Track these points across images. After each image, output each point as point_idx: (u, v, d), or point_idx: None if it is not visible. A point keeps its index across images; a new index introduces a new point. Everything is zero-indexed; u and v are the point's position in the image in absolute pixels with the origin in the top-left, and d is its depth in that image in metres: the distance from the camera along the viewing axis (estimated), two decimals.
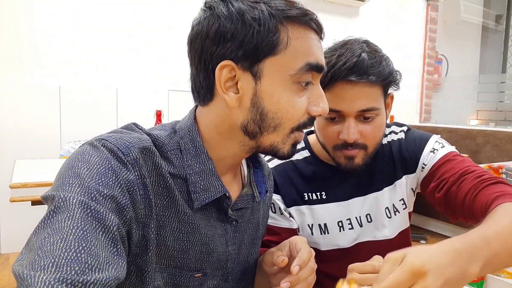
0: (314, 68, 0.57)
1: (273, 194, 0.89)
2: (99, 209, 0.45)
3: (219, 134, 0.59)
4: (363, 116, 0.81)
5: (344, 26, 3.70)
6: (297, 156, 0.94)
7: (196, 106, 0.63)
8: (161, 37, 2.90)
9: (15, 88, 2.48)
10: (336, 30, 3.52)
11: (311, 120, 0.59)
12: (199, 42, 0.56)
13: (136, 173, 0.51)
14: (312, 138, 0.97)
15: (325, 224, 0.91)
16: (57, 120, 2.59)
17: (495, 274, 0.86)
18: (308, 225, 0.91)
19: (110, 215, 0.46)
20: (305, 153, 0.95)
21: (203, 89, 0.58)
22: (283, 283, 0.59)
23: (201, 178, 0.58)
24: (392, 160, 0.94)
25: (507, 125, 3.66)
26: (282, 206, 0.90)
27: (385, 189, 0.94)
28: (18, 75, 2.49)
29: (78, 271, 0.39)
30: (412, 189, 0.96)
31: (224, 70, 0.55)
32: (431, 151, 0.92)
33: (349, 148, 0.82)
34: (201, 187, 0.58)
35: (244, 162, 0.72)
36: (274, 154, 0.60)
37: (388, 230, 0.94)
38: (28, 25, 2.49)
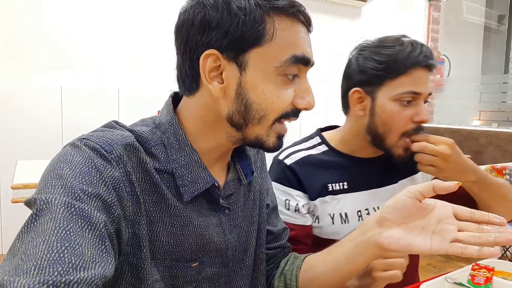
0: (300, 60, 0.56)
1: (294, 191, 0.91)
2: (84, 207, 0.44)
3: (204, 124, 0.59)
4: (426, 99, 0.88)
5: (347, 26, 3.70)
6: (315, 151, 0.96)
7: (173, 99, 0.63)
8: (163, 37, 2.89)
9: (16, 88, 2.48)
10: (339, 30, 3.52)
11: (294, 112, 0.59)
12: (184, 31, 0.56)
13: (121, 170, 0.51)
14: (327, 134, 1.00)
15: (345, 213, 0.93)
16: (59, 120, 2.59)
17: (500, 276, 0.85)
18: (329, 214, 0.93)
19: (96, 213, 0.45)
20: (323, 148, 0.98)
21: (188, 78, 0.58)
22: None
23: (188, 171, 0.58)
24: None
25: (510, 126, 3.64)
26: (301, 203, 0.91)
27: (401, 181, 0.99)
28: (19, 75, 2.49)
29: (61, 272, 0.38)
30: None
31: (208, 59, 0.54)
32: None
33: (418, 132, 0.88)
34: (189, 179, 0.58)
35: None
36: (260, 146, 0.59)
37: None
38: (30, 25, 2.49)
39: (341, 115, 1.00)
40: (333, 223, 0.93)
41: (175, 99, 0.64)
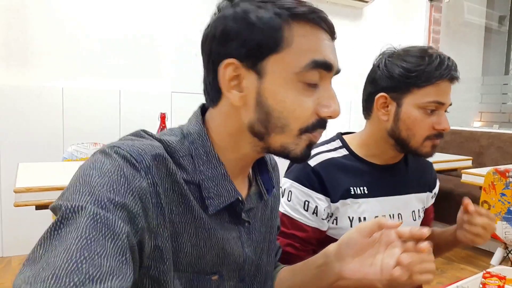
0: (321, 65, 0.55)
1: (315, 193, 0.93)
2: (108, 216, 0.44)
3: (229, 135, 0.59)
4: (447, 109, 0.95)
5: (348, 27, 3.69)
6: (336, 154, 0.98)
7: (202, 109, 0.63)
8: (164, 39, 2.88)
9: (17, 90, 2.46)
10: (341, 31, 3.50)
11: (320, 122, 0.57)
12: (208, 44, 0.57)
13: (149, 180, 0.51)
14: (348, 137, 1.03)
15: (364, 218, 0.95)
16: (60, 123, 2.58)
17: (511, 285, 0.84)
18: (349, 217, 0.95)
19: (120, 223, 0.45)
20: (343, 151, 1.00)
21: (212, 90, 0.59)
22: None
23: (214, 184, 0.58)
24: (427, 171, 1.09)
25: (511, 127, 3.64)
26: (322, 206, 0.92)
27: (412, 195, 1.03)
28: (21, 77, 2.48)
29: (77, 282, 0.38)
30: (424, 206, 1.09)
31: (228, 69, 0.55)
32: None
33: (440, 137, 0.94)
34: (215, 192, 0.58)
35: None
36: (286, 156, 0.58)
37: None
38: (32, 28, 2.48)
39: (343, 117, 1.01)
40: (351, 226, 0.94)
41: (203, 110, 0.64)
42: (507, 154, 3.19)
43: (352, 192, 0.95)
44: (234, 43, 0.54)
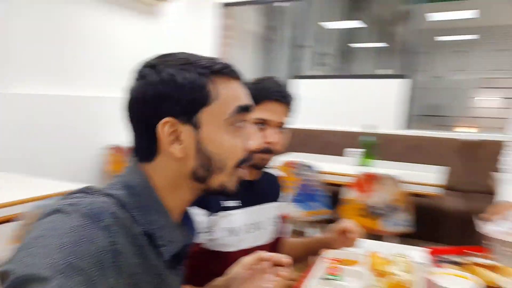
0: (244, 109, 0.66)
1: (194, 208, 0.97)
2: (65, 284, 0.43)
3: (172, 185, 0.64)
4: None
5: (142, 24, 3.61)
6: None
7: (137, 163, 0.66)
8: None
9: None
10: (134, 27, 3.42)
11: (248, 157, 0.68)
12: (137, 108, 0.63)
13: (110, 239, 0.52)
14: None
15: (235, 228, 1.03)
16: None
17: (347, 265, 1.05)
18: (223, 228, 1.01)
19: None
20: None
21: (146, 148, 0.64)
22: None
23: (166, 231, 0.62)
24: (275, 182, 1.23)
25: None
26: (200, 219, 0.98)
27: (272, 203, 1.16)
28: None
29: None
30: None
31: (166, 127, 0.61)
32: None
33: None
34: (168, 239, 0.62)
35: None
36: (222, 192, 0.67)
37: (270, 236, 1.15)
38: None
39: None
40: (223, 236, 1.02)
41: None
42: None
43: (224, 205, 1.02)
44: (168, 104, 0.61)
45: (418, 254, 1.13)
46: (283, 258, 0.78)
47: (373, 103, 3.58)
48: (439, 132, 3.58)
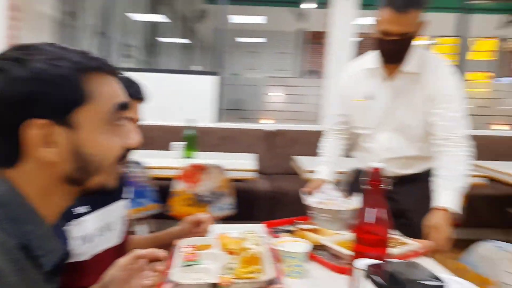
0: (122, 106, 0.64)
1: None
2: None
3: (44, 192, 0.59)
4: None
5: None
6: None
7: None
8: None
9: None
10: None
11: (125, 154, 0.67)
12: None
13: None
14: None
15: (88, 234, 0.97)
16: None
17: (204, 250, 1.14)
18: (76, 237, 0.94)
19: None
20: None
21: (7, 153, 0.56)
22: None
23: (43, 241, 0.58)
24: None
25: None
26: None
27: (120, 201, 1.12)
28: None
29: None
30: None
31: (34, 129, 0.55)
32: None
33: None
34: (47, 248, 0.58)
35: None
36: (103, 190, 0.64)
37: (120, 236, 1.11)
38: None
39: None
40: (79, 245, 0.95)
41: None
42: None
43: (75, 213, 0.96)
44: (35, 103, 0.54)
45: (258, 229, 1.31)
46: (159, 252, 0.79)
47: (190, 98, 3.74)
48: (247, 124, 4.04)
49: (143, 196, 2.47)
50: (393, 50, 1.40)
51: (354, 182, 1.69)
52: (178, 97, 3.72)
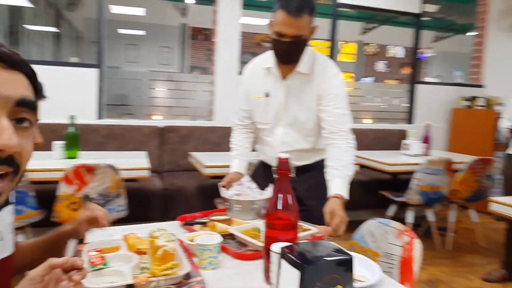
0: None
1: None
2: None
3: None
4: None
5: None
6: None
7: None
8: None
9: None
10: None
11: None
12: None
13: None
14: None
15: None
16: None
17: (109, 253, 1.08)
18: None
19: None
20: None
21: None
22: None
23: None
24: None
25: None
26: None
27: (7, 206, 0.95)
28: None
29: None
30: None
31: None
32: None
33: None
34: None
35: None
36: None
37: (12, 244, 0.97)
38: None
39: None
40: None
41: None
42: None
43: None
44: None
45: (169, 225, 1.29)
46: (77, 261, 0.73)
47: (68, 93, 3.41)
48: (135, 120, 3.85)
49: (21, 203, 2.19)
50: (287, 51, 1.50)
51: (257, 173, 1.78)
52: (54, 92, 3.35)
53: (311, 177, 1.64)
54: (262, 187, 1.53)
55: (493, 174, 3.34)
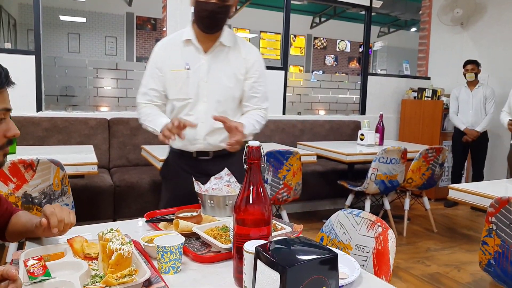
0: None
1: None
2: None
3: None
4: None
5: None
6: None
7: None
8: None
9: None
10: None
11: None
12: None
13: None
14: None
15: None
16: None
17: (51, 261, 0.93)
18: None
19: None
20: None
21: None
22: None
23: None
24: None
25: None
26: None
27: None
28: None
29: None
30: None
31: None
32: None
33: (10, 144, 0.97)
34: None
35: None
36: None
37: None
38: None
39: None
40: None
41: None
42: None
43: None
44: None
45: (122, 225, 1.14)
46: (10, 270, 0.66)
47: None
48: (79, 112, 3.56)
49: None
50: (214, 12, 1.44)
51: (170, 165, 1.74)
52: None
53: (233, 161, 1.53)
54: (181, 179, 1.54)
55: (443, 162, 3.46)
